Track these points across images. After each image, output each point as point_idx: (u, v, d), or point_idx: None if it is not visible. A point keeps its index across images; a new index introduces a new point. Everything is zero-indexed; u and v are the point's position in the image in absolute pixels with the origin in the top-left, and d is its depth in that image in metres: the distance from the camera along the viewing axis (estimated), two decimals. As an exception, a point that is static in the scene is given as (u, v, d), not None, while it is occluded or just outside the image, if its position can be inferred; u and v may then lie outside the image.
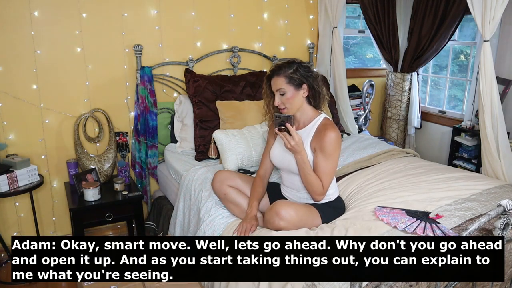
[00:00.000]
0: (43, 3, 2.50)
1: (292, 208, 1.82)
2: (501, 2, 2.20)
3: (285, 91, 1.89)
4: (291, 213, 1.79)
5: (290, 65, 1.91)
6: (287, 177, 2.04)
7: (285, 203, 1.85)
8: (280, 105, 1.92)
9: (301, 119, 1.99)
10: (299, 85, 1.90)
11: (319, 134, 1.90)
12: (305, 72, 1.91)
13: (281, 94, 1.90)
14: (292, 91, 1.90)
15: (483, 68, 2.37)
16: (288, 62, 1.94)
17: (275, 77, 1.91)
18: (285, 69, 1.90)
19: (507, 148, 2.42)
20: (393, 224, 1.74)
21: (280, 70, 1.90)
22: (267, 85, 1.98)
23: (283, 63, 1.94)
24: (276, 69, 1.92)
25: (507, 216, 1.53)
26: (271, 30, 3.30)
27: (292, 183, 2.01)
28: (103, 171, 2.69)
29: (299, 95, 1.92)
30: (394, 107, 3.91)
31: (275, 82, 1.91)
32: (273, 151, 2.06)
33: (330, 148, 1.85)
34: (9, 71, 2.49)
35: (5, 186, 2.33)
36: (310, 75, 1.92)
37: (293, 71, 1.89)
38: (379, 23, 3.64)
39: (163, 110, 2.91)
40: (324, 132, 1.87)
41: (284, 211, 1.78)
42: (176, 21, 2.92)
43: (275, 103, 1.93)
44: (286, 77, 1.89)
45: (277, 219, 1.78)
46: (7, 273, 2.54)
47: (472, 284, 1.55)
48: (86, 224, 2.46)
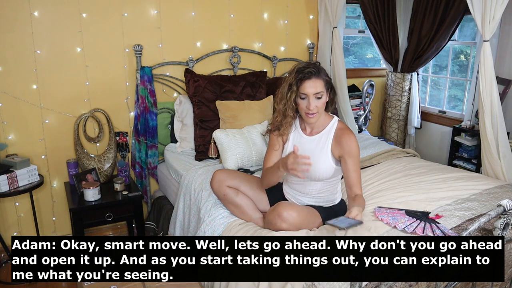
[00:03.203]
0: (43, 3, 2.50)
1: (295, 210, 1.81)
2: (501, 2, 2.20)
3: (322, 95, 1.81)
4: (293, 215, 1.78)
5: (320, 68, 1.82)
6: (297, 181, 1.98)
7: (287, 205, 1.83)
8: (314, 110, 1.80)
9: (317, 124, 1.92)
10: (329, 89, 1.86)
11: (339, 140, 1.86)
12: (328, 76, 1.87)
13: (318, 98, 1.80)
14: (325, 96, 1.83)
15: (483, 68, 2.37)
16: (314, 64, 1.83)
17: (314, 79, 1.79)
18: (323, 71, 1.82)
19: (507, 148, 2.42)
20: (393, 224, 1.74)
21: (321, 72, 1.80)
22: (296, 86, 1.81)
23: (314, 64, 1.83)
24: (314, 70, 1.79)
25: (507, 216, 1.53)
26: (271, 30, 3.30)
27: (302, 187, 1.97)
28: (103, 171, 2.69)
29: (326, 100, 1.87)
30: (394, 107, 3.91)
31: (314, 85, 1.78)
32: None
33: (355, 150, 1.84)
34: (9, 71, 2.49)
35: (5, 186, 2.33)
36: (330, 80, 1.88)
37: (326, 75, 1.84)
38: (379, 23, 3.64)
39: (163, 110, 2.91)
40: (346, 137, 1.84)
41: (286, 213, 1.77)
42: (176, 21, 2.92)
43: (310, 107, 1.79)
44: (323, 80, 1.81)
45: (279, 221, 1.77)
46: (7, 273, 2.54)
47: (472, 284, 1.55)
48: (86, 224, 2.46)
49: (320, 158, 1.88)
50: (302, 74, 1.79)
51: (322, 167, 1.87)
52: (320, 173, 1.88)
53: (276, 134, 1.98)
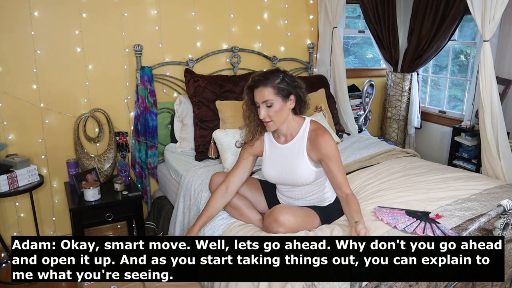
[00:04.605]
0: (43, 3, 2.50)
1: (291, 214, 1.79)
2: (501, 2, 2.20)
3: (273, 103, 1.75)
4: (290, 218, 1.76)
5: (276, 74, 1.77)
6: (283, 188, 1.99)
7: (283, 209, 1.81)
8: (266, 118, 1.77)
9: (288, 131, 1.87)
10: (287, 96, 1.78)
11: (314, 143, 1.81)
12: (291, 81, 1.79)
13: (268, 106, 1.76)
14: (280, 103, 1.76)
15: (483, 68, 2.37)
16: (272, 71, 1.79)
17: (261, 87, 1.75)
18: (272, 78, 1.75)
19: (507, 148, 2.42)
20: (393, 224, 1.74)
21: (267, 80, 1.75)
22: (249, 95, 1.82)
23: (267, 72, 1.79)
24: (262, 78, 1.76)
25: (507, 216, 1.53)
26: (271, 30, 3.30)
27: (291, 193, 1.97)
28: (103, 171, 2.69)
29: (286, 107, 1.79)
30: (394, 107, 3.91)
31: (261, 93, 1.75)
32: (267, 171, 1.94)
33: (333, 151, 1.79)
34: (9, 71, 2.49)
35: (5, 186, 2.33)
36: (297, 85, 1.80)
37: (280, 81, 1.76)
38: (379, 23, 3.64)
39: (163, 110, 2.91)
40: (320, 139, 1.79)
41: (282, 217, 1.75)
42: (176, 21, 2.92)
43: (260, 116, 1.78)
44: (274, 87, 1.74)
45: (275, 226, 1.76)
46: (7, 273, 2.54)
47: (472, 284, 1.55)
48: (86, 224, 2.46)
49: (299, 164, 1.84)
50: (251, 83, 1.79)
51: (302, 173, 1.84)
52: (302, 179, 1.86)
53: (247, 144, 1.96)
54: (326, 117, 3.04)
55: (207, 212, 1.94)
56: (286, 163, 1.87)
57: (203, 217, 1.93)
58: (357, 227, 1.61)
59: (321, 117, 2.97)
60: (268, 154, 1.94)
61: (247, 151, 1.97)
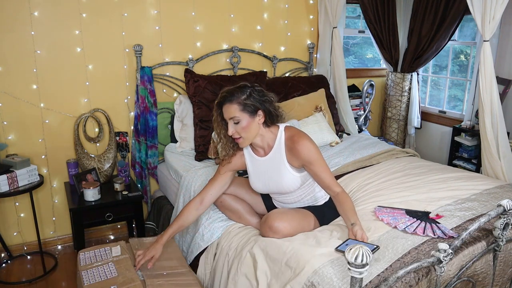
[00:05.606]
0: (43, 3, 2.50)
1: (285, 220, 1.76)
2: (501, 2, 2.20)
3: (240, 120, 1.72)
4: (285, 225, 1.74)
5: (243, 90, 1.74)
6: (276, 196, 1.98)
7: (277, 215, 1.79)
8: (234, 135, 1.75)
9: (264, 143, 1.83)
10: (254, 111, 1.74)
11: (293, 151, 1.77)
12: (259, 97, 1.75)
13: (235, 123, 1.73)
14: (247, 119, 1.73)
15: (483, 68, 2.37)
16: (239, 87, 1.76)
17: (227, 104, 1.73)
18: (238, 94, 1.72)
19: (507, 148, 2.42)
20: (393, 224, 1.74)
21: (232, 97, 1.72)
22: (217, 112, 1.79)
23: (234, 88, 1.76)
24: (227, 95, 1.73)
25: (507, 216, 1.53)
26: (271, 30, 3.30)
27: (283, 198, 1.96)
28: (103, 171, 2.69)
29: (255, 122, 1.75)
30: (394, 107, 3.91)
31: (227, 110, 1.73)
32: (254, 185, 1.92)
33: (313, 155, 1.75)
34: (9, 71, 2.50)
35: (5, 186, 2.33)
36: (266, 100, 1.76)
37: (247, 97, 1.72)
38: (379, 23, 3.64)
39: (163, 110, 2.91)
40: (297, 146, 1.75)
41: (277, 224, 1.74)
42: (176, 21, 2.92)
43: (228, 133, 1.76)
44: (239, 104, 1.71)
45: (271, 233, 1.74)
46: (7, 273, 2.54)
47: (472, 284, 1.55)
48: (86, 224, 2.47)
49: (282, 174, 1.82)
50: (218, 99, 1.77)
51: (287, 181, 1.82)
52: (288, 187, 1.84)
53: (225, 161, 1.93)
54: (326, 117, 3.04)
55: (178, 222, 1.88)
56: (270, 175, 1.85)
57: (174, 226, 1.88)
58: (353, 229, 1.63)
59: (321, 117, 2.97)
60: (251, 168, 1.91)
61: (224, 167, 1.92)
